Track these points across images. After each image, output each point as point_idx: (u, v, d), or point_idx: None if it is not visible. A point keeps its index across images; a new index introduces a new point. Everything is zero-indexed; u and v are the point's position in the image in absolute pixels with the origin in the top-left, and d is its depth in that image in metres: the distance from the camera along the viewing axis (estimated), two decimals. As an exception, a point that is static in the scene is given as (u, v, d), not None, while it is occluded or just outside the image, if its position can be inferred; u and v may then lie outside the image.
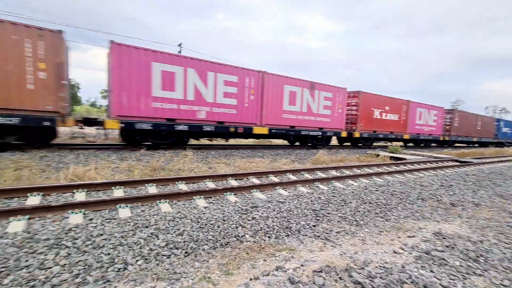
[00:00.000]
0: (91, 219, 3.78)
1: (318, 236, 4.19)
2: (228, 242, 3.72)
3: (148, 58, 8.72)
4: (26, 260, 2.79)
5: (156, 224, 3.76)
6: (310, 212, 4.91)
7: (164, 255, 3.25)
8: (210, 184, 6.01)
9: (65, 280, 2.67)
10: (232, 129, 10.67)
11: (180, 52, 26.53)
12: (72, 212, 3.89)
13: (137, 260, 3.09)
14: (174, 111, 9.35)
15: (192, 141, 11.19)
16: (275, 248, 3.66)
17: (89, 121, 9.03)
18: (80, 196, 4.66)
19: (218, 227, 3.96)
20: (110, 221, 3.73)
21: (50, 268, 2.76)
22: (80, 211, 3.95)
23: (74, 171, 5.84)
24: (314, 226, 4.53)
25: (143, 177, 6.12)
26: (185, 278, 2.86)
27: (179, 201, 4.81)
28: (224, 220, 4.15)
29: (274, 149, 12.31)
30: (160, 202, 4.57)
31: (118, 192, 4.99)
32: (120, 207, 4.23)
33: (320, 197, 5.61)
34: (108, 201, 4.31)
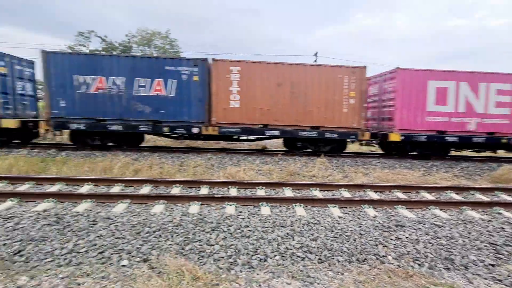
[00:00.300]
0: (240, 212, 4.49)
1: (500, 281, 3.06)
2: (365, 259, 3.38)
3: (425, 78, 9.75)
4: (199, 236, 3.66)
5: (291, 226, 3.97)
6: (485, 246, 3.67)
7: (299, 257, 3.35)
8: (345, 194, 5.71)
9: (222, 257, 3.28)
10: (503, 141, 10.20)
11: (316, 60, 27.25)
12: (228, 204, 4.77)
13: (275, 255, 3.36)
14: (444, 124, 9.98)
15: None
16: (428, 280, 2.98)
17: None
18: (233, 191, 5.64)
19: (354, 240, 3.68)
20: (254, 216, 4.28)
21: (213, 245, 3.48)
22: (233, 204, 4.77)
23: (230, 171, 7.16)
24: (493, 265, 3.34)
25: (281, 180, 6.65)
26: (318, 284, 2.83)
27: (313, 206, 4.86)
28: (361, 234, 3.81)
29: (428, 160, 10.16)
30: (295, 206, 4.80)
31: (261, 192, 5.65)
32: (262, 205, 4.77)
33: (503, 228, 4.10)
34: (253, 198, 4.97)
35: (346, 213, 4.63)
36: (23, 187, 5.39)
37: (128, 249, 3.34)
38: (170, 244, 3.46)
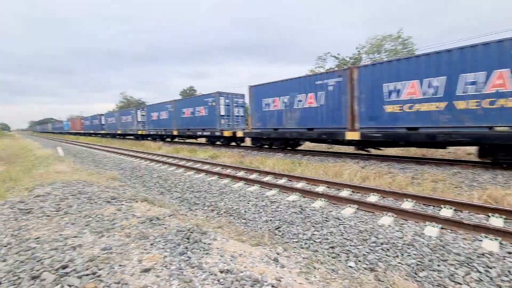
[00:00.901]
0: (509, 252, 3.11)
1: None
2: None
3: None
4: (438, 265, 2.99)
5: None
6: None
7: None
8: None
9: (475, 306, 2.44)
10: None
11: None
12: (486, 237, 3.49)
13: None
14: None
15: None
16: None
17: None
18: (496, 221, 4.04)
19: None
20: (540, 266, 2.79)
21: (460, 284, 2.70)
22: (496, 239, 3.41)
23: (491, 192, 5.22)
24: None
25: None
26: None
27: None
28: None
29: None
30: None
31: (557, 233, 3.58)
32: (559, 253, 3.00)
33: None
34: (538, 239, 3.26)
35: None
36: (280, 181, 7.28)
37: (355, 252, 3.43)
38: (399, 263, 3.12)
